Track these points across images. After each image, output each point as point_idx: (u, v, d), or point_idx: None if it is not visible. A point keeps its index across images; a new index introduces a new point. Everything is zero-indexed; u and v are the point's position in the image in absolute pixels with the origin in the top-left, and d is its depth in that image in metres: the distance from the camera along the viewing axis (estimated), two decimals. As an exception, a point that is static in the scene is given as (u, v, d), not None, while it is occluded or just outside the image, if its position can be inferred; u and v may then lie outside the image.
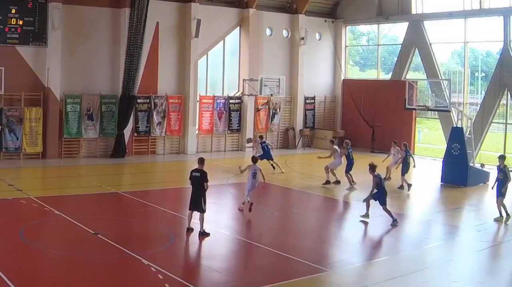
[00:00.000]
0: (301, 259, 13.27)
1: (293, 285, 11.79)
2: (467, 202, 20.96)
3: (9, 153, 25.45)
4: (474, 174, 23.29)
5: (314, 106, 35.30)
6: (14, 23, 25.33)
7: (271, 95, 31.74)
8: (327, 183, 22.45)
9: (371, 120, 33.49)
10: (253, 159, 18.45)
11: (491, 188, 18.31)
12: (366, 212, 17.14)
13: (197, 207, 14.85)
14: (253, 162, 18.11)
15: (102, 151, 27.90)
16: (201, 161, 15.18)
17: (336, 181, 22.73)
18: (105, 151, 27.94)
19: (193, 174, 15.02)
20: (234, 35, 32.44)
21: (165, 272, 11.92)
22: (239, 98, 32.28)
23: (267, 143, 25.67)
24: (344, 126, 35.51)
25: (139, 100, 28.46)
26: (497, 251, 14.93)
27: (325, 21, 35.60)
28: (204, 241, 14.59)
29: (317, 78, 35.33)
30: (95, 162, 26.62)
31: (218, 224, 16.46)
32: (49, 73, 26.05)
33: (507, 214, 17.43)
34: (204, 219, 14.83)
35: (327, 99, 36.02)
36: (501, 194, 17.47)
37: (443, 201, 21.22)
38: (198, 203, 14.81)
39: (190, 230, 14.98)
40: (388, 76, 34.36)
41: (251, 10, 31.96)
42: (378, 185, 16.83)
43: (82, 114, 27.03)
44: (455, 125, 24.59)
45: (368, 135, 33.55)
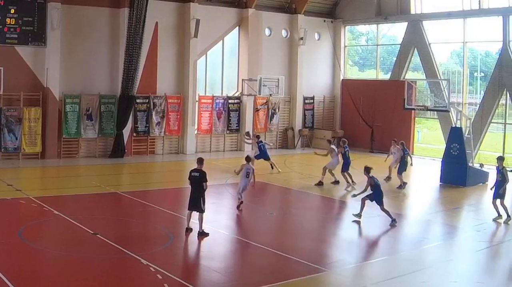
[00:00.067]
0: (300, 259, 13.27)
1: (292, 285, 11.79)
2: (466, 202, 20.96)
3: (8, 153, 25.44)
4: (473, 174, 23.29)
5: (313, 106, 35.29)
6: (13, 23, 25.32)
7: (270, 95, 31.70)
8: (320, 183, 22.45)
9: (370, 120, 33.49)
10: (247, 158, 18.61)
11: (490, 189, 18.29)
12: (359, 212, 17.14)
13: (196, 207, 14.86)
14: (247, 161, 18.30)
15: (101, 151, 27.90)
16: (200, 161, 15.18)
17: (335, 181, 22.73)
18: (104, 151, 27.94)
19: (192, 174, 15.03)
20: (233, 35, 32.43)
21: (164, 272, 11.92)
22: (238, 98, 32.27)
23: (264, 143, 25.66)
24: (343, 127, 35.49)
25: (138, 100, 28.45)
26: (496, 251, 14.93)
27: (324, 21, 35.59)
28: (203, 241, 14.59)
29: (316, 78, 35.32)
30: (94, 162, 26.61)
31: (217, 224, 16.47)
32: (48, 73, 26.05)
33: (508, 216, 17.40)
34: (203, 219, 14.84)
35: (326, 99, 36.01)
36: (498, 195, 17.48)
37: (442, 201, 21.22)
38: (197, 203, 14.82)
39: (189, 230, 14.98)
40: (387, 76, 34.36)
41: (250, 10, 31.95)
42: (372, 186, 16.90)
43: (81, 114, 27.02)
44: (454, 125, 24.58)
45: (367, 135, 33.55)
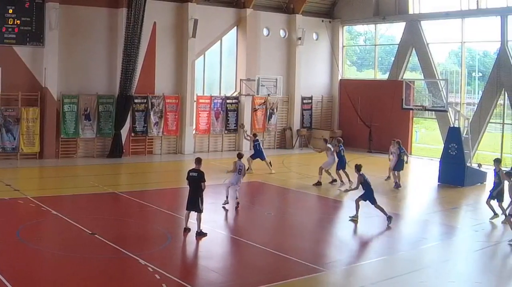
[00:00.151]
0: (298, 259, 13.27)
1: (290, 285, 11.79)
2: (464, 202, 20.98)
3: (6, 153, 25.40)
4: (471, 174, 23.30)
5: (311, 106, 35.28)
6: (11, 23, 25.30)
7: (268, 95, 31.68)
8: (318, 183, 22.47)
9: (368, 120, 33.49)
10: (238, 155, 18.96)
11: (489, 191, 18.30)
12: (355, 214, 17.15)
13: (194, 207, 14.86)
14: (239, 158, 18.67)
15: (99, 151, 27.88)
16: (198, 161, 15.21)
17: (332, 180, 22.77)
18: (102, 151, 27.91)
19: (191, 174, 15.04)
20: (231, 35, 32.40)
21: (162, 272, 11.92)
22: (236, 98, 32.26)
23: (259, 142, 25.61)
24: (341, 126, 35.50)
25: (136, 100, 28.43)
26: (494, 251, 14.93)
27: (322, 21, 35.58)
28: (201, 241, 14.58)
29: (314, 78, 35.32)
30: (92, 162, 26.59)
31: (215, 224, 16.47)
32: (46, 73, 26.02)
33: (506, 216, 17.32)
34: (201, 219, 14.85)
35: (324, 99, 36.01)
36: (493, 197, 17.52)
37: (440, 201, 21.22)
38: (195, 203, 14.83)
39: (187, 230, 14.98)
40: (385, 76, 34.37)
41: (248, 10, 31.94)
42: (362, 184, 17.01)
43: (79, 114, 27.00)
44: (452, 125, 24.60)
45: (365, 135, 33.56)
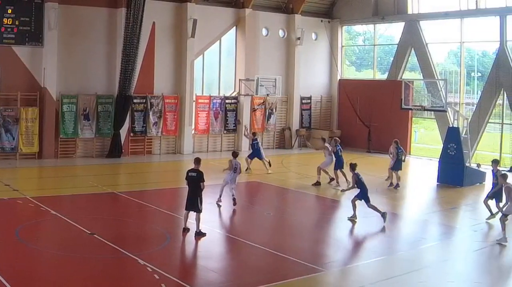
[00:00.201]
0: (297, 259, 13.27)
1: (289, 285, 11.79)
2: (463, 202, 20.98)
3: (5, 153, 25.38)
4: (470, 174, 23.30)
5: (310, 106, 35.26)
6: (10, 23, 25.28)
7: (267, 95, 31.67)
8: (317, 183, 22.47)
9: (367, 120, 33.50)
10: (233, 153, 19.15)
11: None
12: (353, 214, 17.17)
13: (193, 207, 14.86)
14: (234, 156, 18.79)
15: (98, 151, 27.87)
16: (197, 161, 15.22)
17: (330, 179, 22.77)
18: (101, 151, 27.90)
19: (190, 174, 15.04)
20: (230, 35, 32.40)
21: (161, 272, 11.91)
22: (235, 98, 32.25)
23: (258, 141, 25.55)
24: (340, 126, 35.51)
25: (135, 100, 28.42)
26: (493, 251, 14.92)
27: (321, 21, 35.58)
28: (200, 241, 14.58)
29: (313, 78, 35.31)
30: (91, 162, 26.58)
31: (215, 224, 16.49)
32: (45, 73, 26.01)
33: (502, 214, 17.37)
34: (200, 219, 14.85)
35: (323, 99, 36.01)
36: (489, 196, 17.57)
37: (439, 201, 21.22)
38: (194, 203, 14.82)
39: (186, 230, 14.98)
40: (384, 76, 34.38)
41: (247, 10, 31.94)
42: (356, 182, 17.13)
43: (78, 114, 26.99)
44: (451, 125, 24.60)
45: (364, 135, 33.56)
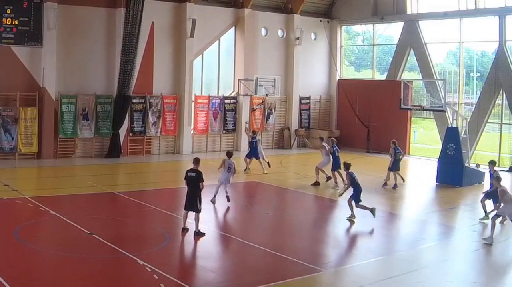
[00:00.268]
0: (296, 259, 13.28)
1: (288, 285, 11.80)
2: (462, 202, 20.98)
3: (4, 153, 25.36)
4: (469, 174, 23.30)
5: (309, 106, 35.27)
6: (9, 23, 25.26)
7: (266, 95, 31.68)
8: (316, 183, 22.48)
9: (366, 120, 33.50)
10: (228, 153, 19.34)
11: (483, 192, 18.37)
12: (351, 214, 17.18)
13: (192, 207, 14.87)
14: (228, 156, 19.02)
15: (97, 151, 27.86)
16: (196, 161, 15.24)
17: (327, 178, 22.81)
18: (100, 151, 27.89)
19: (189, 174, 15.05)
20: (229, 35, 32.40)
21: (160, 272, 11.91)
22: (234, 98, 32.25)
23: (256, 140, 25.44)
24: (339, 126, 35.52)
25: (134, 100, 28.41)
26: (492, 251, 14.93)
27: (321, 21, 35.59)
28: (199, 241, 14.59)
29: (312, 78, 35.32)
30: (90, 162, 26.57)
31: (214, 224, 16.50)
32: (44, 73, 25.99)
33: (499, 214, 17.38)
34: (199, 219, 14.85)
35: (322, 99, 36.02)
36: (486, 196, 17.59)
37: (438, 201, 21.23)
38: (193, 203, 14.83)
39: (185, 230, 14.98)
40: (383, 76, 34.39)
41: (247, 10, 31.94)
42: (351, 182, 17.26)
43: (78, 114, 26.98)
44: (450, 125, 24.64)
45: (363, 135, 33.56)
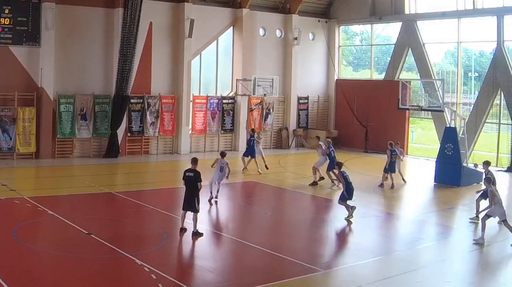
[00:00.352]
0: (294, 259, 13.28)
1: (287, 285, 11.79)
2: (460, 202, 20.98)
3: (3, 153, 25.33)
4: (468, 174, 23.29)
5: (308, 106, 35.29)
6: (8, 23, 25.24)
7: (265, 95, 31.69)
8: (314, 183, 22.49)
9: (365, 120, 33.50)
10: (221, 153, 19.37)
11: (476, 192, 18.38)
12: (349, 213, 17.20)
13: (190, 207, 14.85)
14: (221, 156, 19.08)
15: (95, 151, 27.84)
16: (194, 161, 15.22)
17: (320, 178, 22.81)
18: (98, 151, 27.88)
19: (187, 174, 15.04)
20: (227, 35, 32.40)
21: (158, 272, 11.91)
22: (232, 98, 32.25)
23: (254, 139, 25.41)
24: (337, 127, 35.52)
25: (132, 100, 28.40)
26: (490, 251, 14.95)
27: (319, 21, 35.60)
28: (197, 241, 14.58)
29: (310, 78, 35.33)
30: (88, 162, 26.56)
31: (212, 224, 16.49)
32: (43, 73, 25.98)
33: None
34: (197, 219, 14.84)
35: (320, 99, 36.02)
36: (480, 195, 17.63)
37: (436, 201, 21.25)
38: (191, 203, 14.82)
39: (183, 230, 14.97)
40: (381, 76, 34.40)
41: (245, 10, 31.94)
42: (343, 180, 17.51)
43: (76, 114, 26.96)
44: (448, 125, 24.62)
45: (361, 135, 33.58)
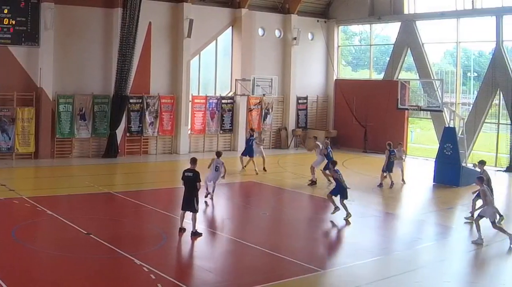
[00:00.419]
0: (293, 259, 13.27)
1: (286, 285, 11.79)
2: (459, 202, 20.96)
3: (2, 153, 25.32)
4: (467, 174, 23.23)
5: (307, 106, 35.28)
6: (7, 23, 25.24)
7: (264, 95, 31.67)
8: (312, 183, 22.50)
9: (364, 120, 33.50)
10: (217, 153, 19.63)
11: (472, 192, 18.25)
12: (347, 213, 17.21)
13: (189, 207, 14.85)
14: (217, 156, 19.32)
15: (94, 151, 27.83)
16: (193, 161, 15.22)
17: (313, 182, 22.76)
18: (97, 151, 27.87)
19: (186, 174, 15.03)
20: (226, 35, 32.40)
21: (157, 272, 11.90)
22: (231, 98, 32.24)
23: (254, 138, 25.46)
24: (336, 126, 35.52)
25: (131, 100, 28.39)
26: (489, 251, 14.95)
27: (318, 21, 35.60)
28: (196, 241, 14.58)
29: (309, 78, 35.32)
30: (87, 162, 26.55)
31: (211, 224, 16.48)
32: (42, 73, 25.97)
33: (499, 215, 17.38)
34: (196, 219, 14.84)
35: (319, 99, 36.02)
36: (477, 195, 17.59)
37: (435, 201, 21.26)
38: (190, 203, 14.82)
39: (182, 230, 14.96)
40: (380, 76, 34.41)
41: (244, 10, 31.93)
42: (336, 179, 17.72)
43: (75, 114, 26.95)
44: (447, 125, 24.63)
45: (360, 135, 33.57)
